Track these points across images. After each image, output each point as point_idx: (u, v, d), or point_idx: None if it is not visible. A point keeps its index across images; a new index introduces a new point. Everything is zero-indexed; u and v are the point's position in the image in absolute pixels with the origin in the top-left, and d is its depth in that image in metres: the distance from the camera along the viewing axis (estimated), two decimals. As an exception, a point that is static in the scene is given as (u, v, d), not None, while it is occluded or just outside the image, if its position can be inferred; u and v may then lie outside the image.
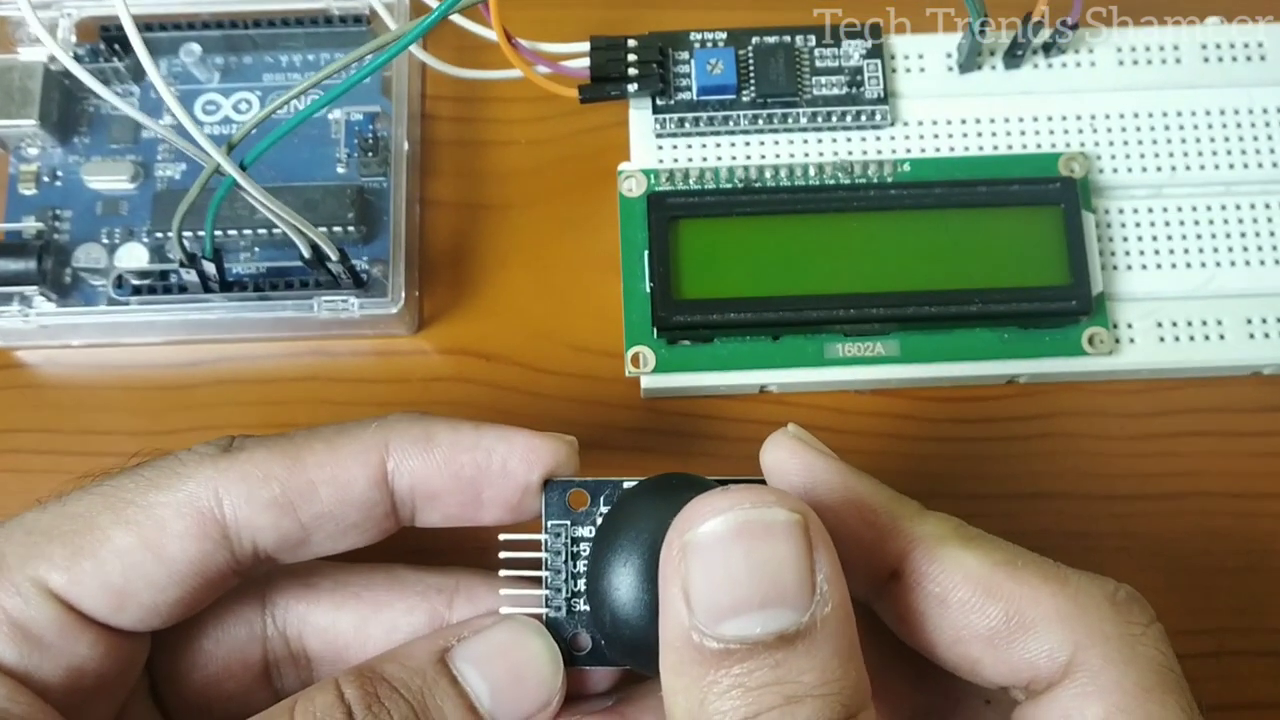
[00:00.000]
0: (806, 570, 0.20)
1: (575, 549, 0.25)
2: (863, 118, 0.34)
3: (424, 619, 0.27)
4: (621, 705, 0.26)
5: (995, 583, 0.22)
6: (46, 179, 0.34)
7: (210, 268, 0.31)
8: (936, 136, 0.34)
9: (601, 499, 0.25)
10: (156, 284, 0.33)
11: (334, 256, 0.30)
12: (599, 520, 0.25)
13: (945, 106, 0.34)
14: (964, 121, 0.34)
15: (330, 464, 0.25)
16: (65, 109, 0.35)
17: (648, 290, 0.32)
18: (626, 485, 0.25)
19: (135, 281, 0.33)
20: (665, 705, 0.21)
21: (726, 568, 0.20)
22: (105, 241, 0.34)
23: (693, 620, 0.20)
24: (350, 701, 0.23)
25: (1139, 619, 0.22)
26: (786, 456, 0.24)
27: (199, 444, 0.26)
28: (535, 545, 0.25)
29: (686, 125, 0.34)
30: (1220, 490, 0.33)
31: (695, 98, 0.34)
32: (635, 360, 0.32)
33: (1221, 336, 0.33)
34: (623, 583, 0.23)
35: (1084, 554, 0.33)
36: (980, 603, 0.22)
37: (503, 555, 0.25)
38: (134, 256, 0.33)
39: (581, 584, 0.25)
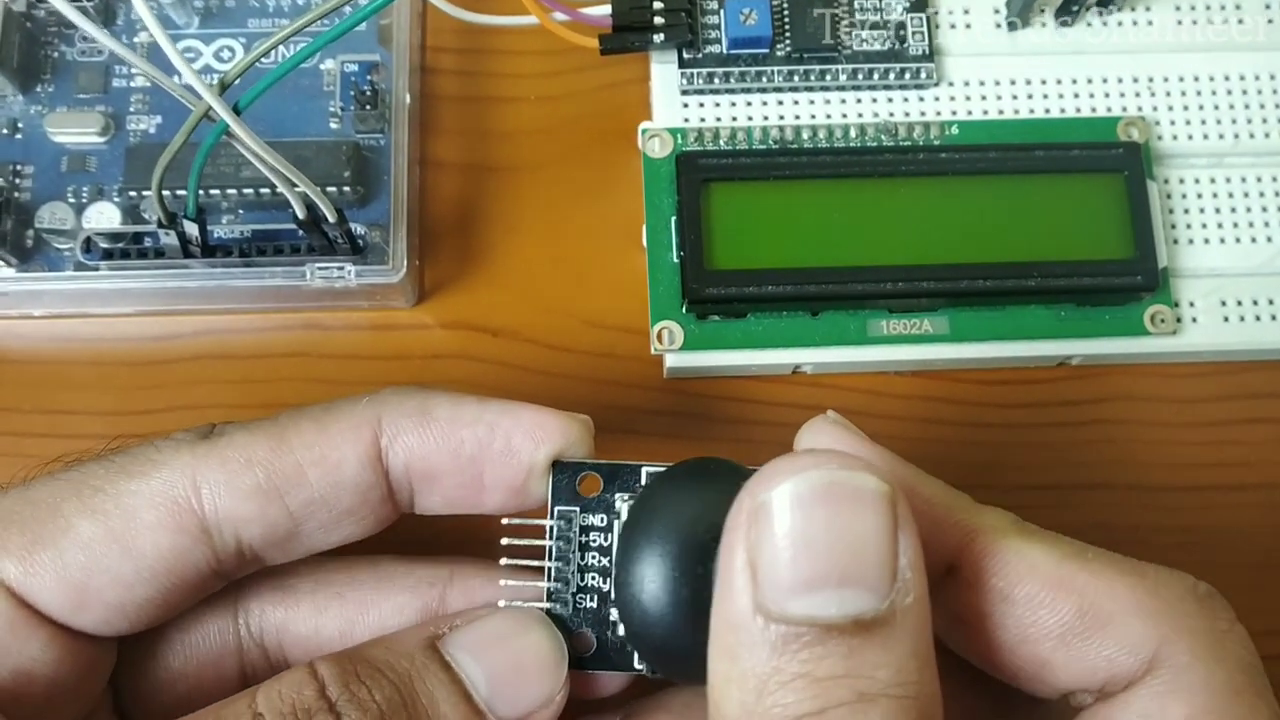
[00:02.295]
0: (891, 551, 0.18)
1: (585, 539, 0.23)
2: (906, 76, 0.31)
3: (415, 618, 0.24)
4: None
5: (1066, 576, 0.20)
6: (6, 131, 0.31)
7: (192, 229, 0.28)
8: (984, 98, 0.32)
9: (616, 485, 0.23)
10: (130, 247, 0.29)
11: (331, 218, 0.27)
12: (616, 507, 0.23)
13: (993, 66, 0.32)
14: (1013, 82, 0.32)
15: (319, 444, 0.22)
16: (27, 54, 0.31)
17: (676, 260, 0.29)
18: (647, 470, 0.23)
19: (105, 245, 0.30)
20: (712, 699, 0.18)
21: (804, 535, 0.17)
22: (72, 200, 0.30)
23: (757, 595, 0.17)
24: (325, 678, 0.20)
25: (1224, 615, 0.20)
26: (829, 442, 0.22)
27: (178, 431, 0.23)
28: (541, 532, 0.23)
29: (715, 81, 0.31)
30: (1286, 482, 0.31)
31: (725, 51, 0.31)
32: (661, 336, 0.30)
33: (1290, 316, 0.31)
34: (657, 573, 0.20)
35: (1140, 549, 0.30)
36: (1050, 597, 0.20)
37: (504, 542, 0.23)
38: (104, 217, 0.30)
39: (590, 578, 0.23)
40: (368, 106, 0.31)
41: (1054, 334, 0.30)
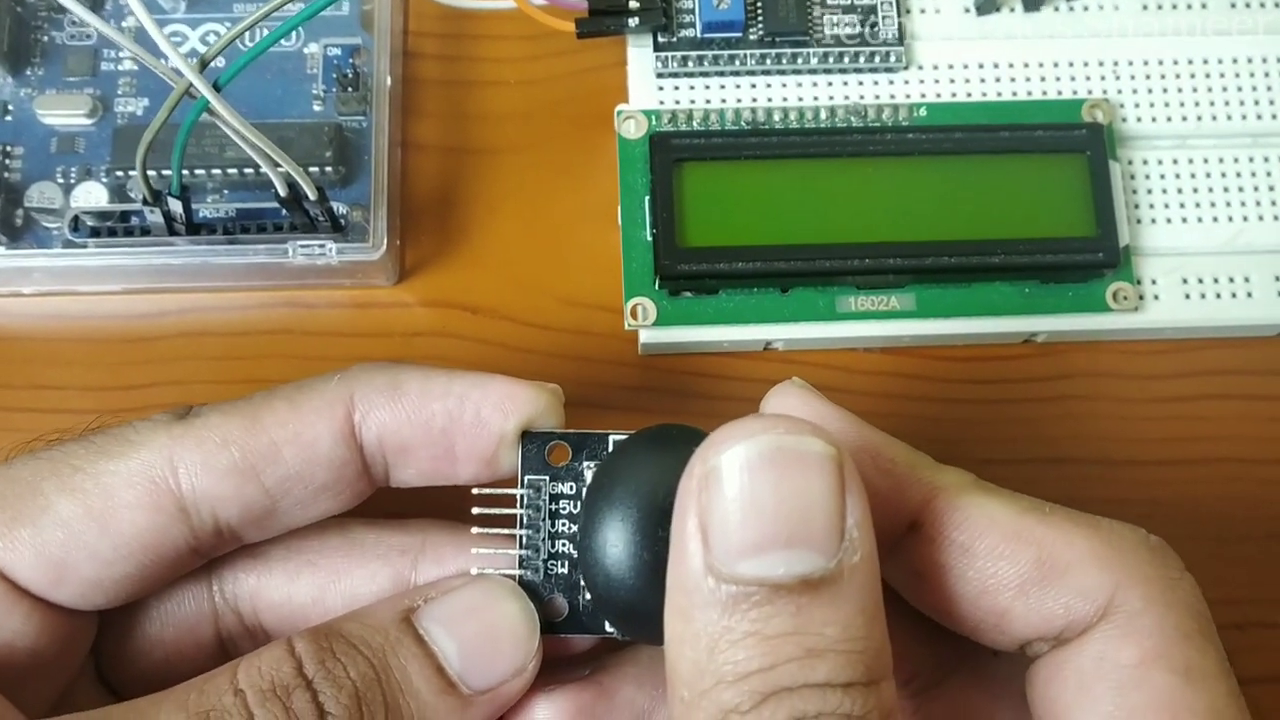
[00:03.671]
0: (837, 512, 0.18)
1: (554, 507, 0.23)
2: (876, 59, 0.32)
3: (387, 585, 0.25)
4: (597, 674, 0.24)
5: (1024, 528, 0.21)
6: (-5, 113, 0.32)
7: (177, 206, 0.29)
8: (953, 81, 0.32)
9: (585, 454, 0.24)
10: (116, 225, 0.30)
11: (312, 195, 0.28)
12: (584, 475, 0.23)
13: (962, 50, 0.33)
14: (981, 66, 0.32)
15: (292, 422, 0.23)
16: (17, 37, 0.32)
17: (649, 238, 0.30)
18: (614, 438, 0.23)
19: (93, 223, 0.30)
20: (668, 658, 0.19)
21: (752, 498, 0.18)
22: (61, 181, 0.31)
23: (708, 557, 0.18)
24: (301, 655, 0.21)
25: (1175, 565, 0.21)
26: (797, 404, 0.23)
27: (156, 413, 0.24)
28: (511, 501, 0.24)
29: (689, 64, 0.32)
30: (1246, 456, 0.32)
31: (699, 35, 0.32)
32: (635, 313, 0.30)
33: (1249, 294, 0.31)
34: (619, 538, 0.21)
35: None
36: (1010, 549, 0.21)
37: (476, 512, 0.23)
38: (92, 196, 0.31)
39: (560, 545, 0.23)
40: (349, 89, 0.32)
41: (1019, 310, 0.31)
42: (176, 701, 0.20)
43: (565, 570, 0.23)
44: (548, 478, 0.24)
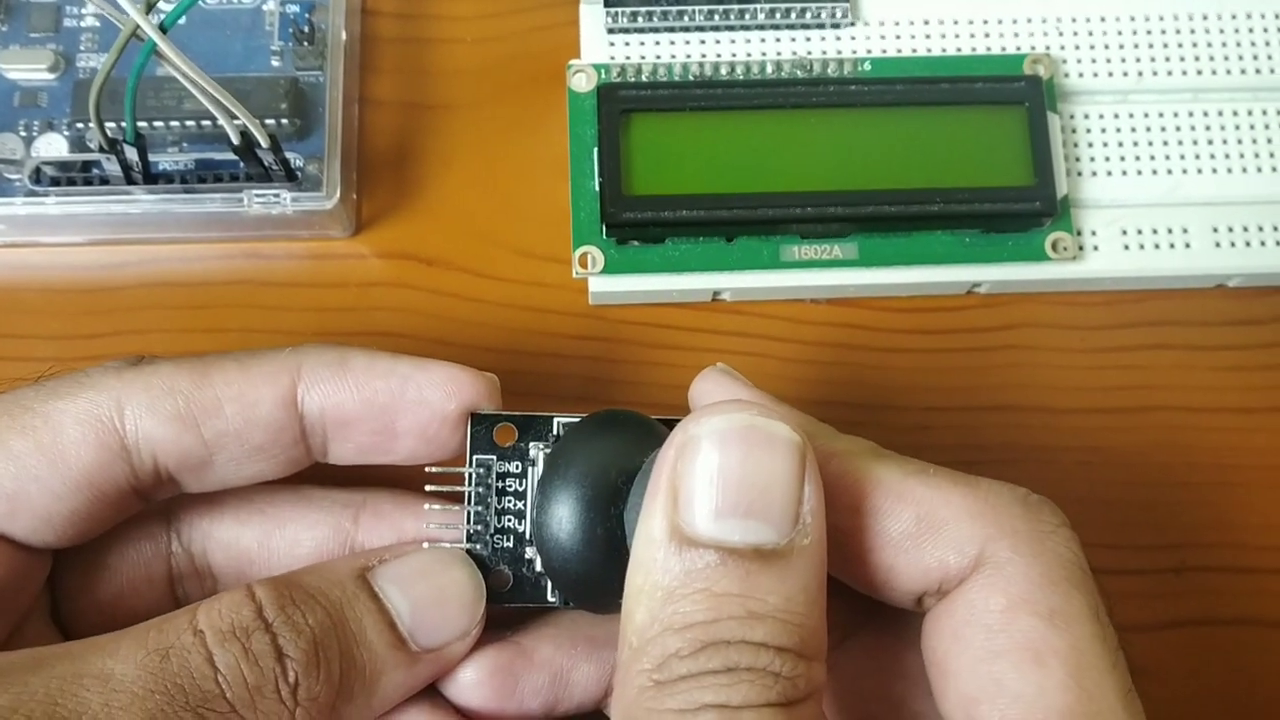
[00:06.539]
0: (795, 494, 0.20)
1: (501, 485, 0.25)
2: (823, 15, 0.33)
3: (329, 532, 0.26)
4: (518, 636, 0.25)
5: (907, 488, 0.22)
6: (-41, 68, 0.32)
7: (133, 155, 0.29)
8: (898, 37, 0.33)
9: (530, 435, 0.25)
10: (77, 176, 0.31)
11: (264, 143, 0.29)
12: (530, 455, 0.25)
13: (908, 5, 0.33)
14: (927, 22, 0.33)
15: (238, 381, 0.24)
16: (-20, -6, 0.33)
17: (597, 188, 0.31)
18: (559, 420, 0.25)
19: (54, 173, 0.31)
20: (624, 609, 0.21)
21: (720, 468, 0.20)
22: (23, 134, 0.32)
23: (675, 517, 0.20)
24: (261, 600, 0.22)
25: (1049, 519, 0.22)
26: (712, 387, 0.25)
27: (108, 361, 0.25)
28: (460, 479, 0.25)
29: (639, 20, 0.32)
30: (1183, 405, 0.32)
31: (649, -10, 0.32)
32: (583, 261, 0.31)
33: (1187, 245, 0.32)
34: (574, 514, 0.22)
35: (1044, 468, 0.32)
36: (893, 507, 0.22)
37: (429, 488, 0.25)
38: (53, 147, 0.32)
39: (506, 520, 0.25)
40: (305, 43, 0.32)
41: (960, 259, 0.31)
42: (135, 639, 0.21)
43: (511, 544, 0.25)
44: (495, 457, 0.25)
